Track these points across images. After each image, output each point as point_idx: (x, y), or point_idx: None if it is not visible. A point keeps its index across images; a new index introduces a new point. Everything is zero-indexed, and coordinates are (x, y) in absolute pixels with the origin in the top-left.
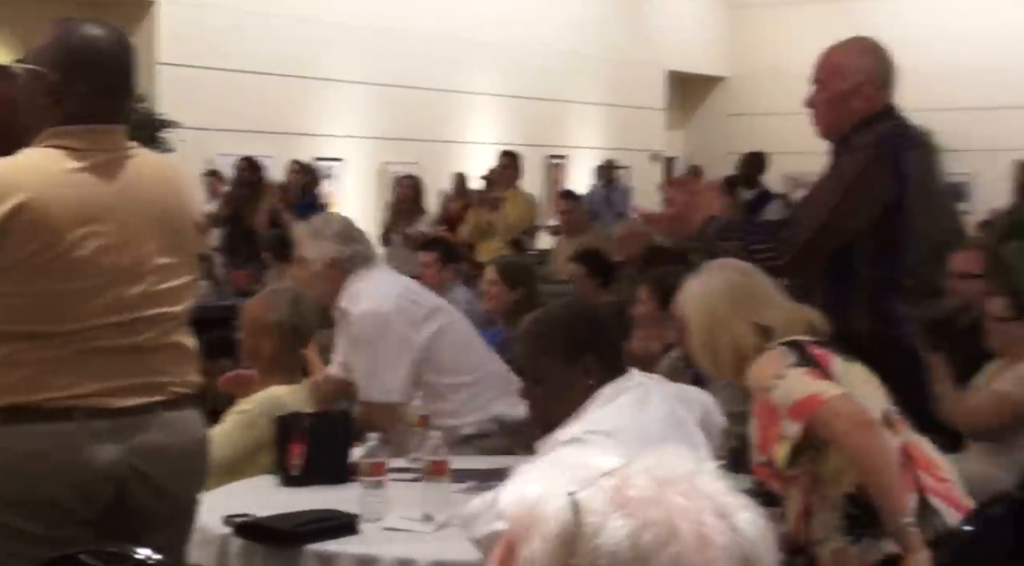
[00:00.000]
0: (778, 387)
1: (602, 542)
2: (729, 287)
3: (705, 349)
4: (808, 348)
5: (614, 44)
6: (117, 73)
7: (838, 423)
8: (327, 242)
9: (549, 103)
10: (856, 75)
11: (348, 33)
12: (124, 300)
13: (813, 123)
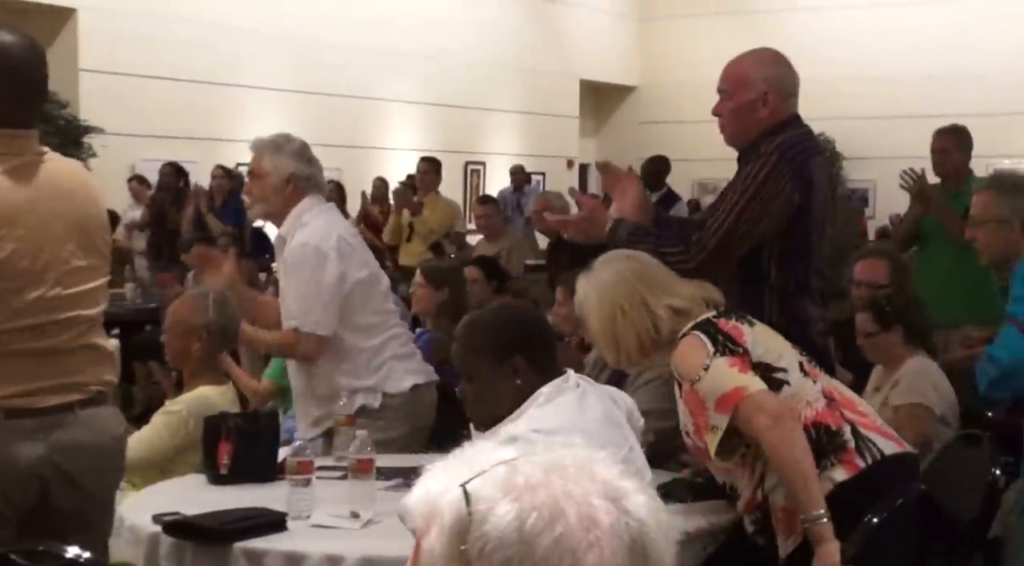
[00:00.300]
0: (703, 379)
1: (489, 528)
2: (630, 276)
3: (608, 341)
4: (720, 325)
5: (530, 55)
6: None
7: (759, 418)
8: (287, 158)
9: (468, 111)
10: (760, 85)
11: (270, 41)
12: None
13: (721, 131)
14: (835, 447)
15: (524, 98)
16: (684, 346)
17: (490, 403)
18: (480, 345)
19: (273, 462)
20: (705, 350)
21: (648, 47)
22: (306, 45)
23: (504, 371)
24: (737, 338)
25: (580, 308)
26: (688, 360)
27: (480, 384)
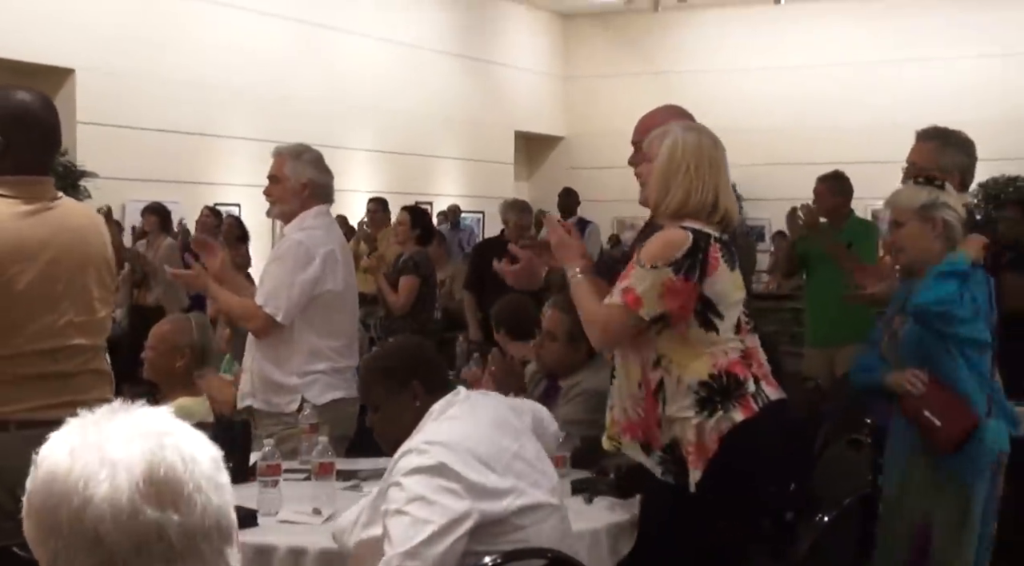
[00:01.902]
0: (643, 268)
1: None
2: (711, 152)
3: (660, 185)
4: (710, 249)
5: (471, 109)
6: (47, 131)
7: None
8: (306, 165)
9: (416, 158)
10: None
11: (245, 97)
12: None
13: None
14: (738, 394)
15: (465, 146)
16: (671, 235)
17: (396, 427)
18: (380, 377)
19: (245, 465)
20: (672, 255)
21: (573, 102)
22: (275, 100)
23: (404, 396)
24: (706, 269)
25: (652, 145)
26: (657, 247)
27: (385, 412)
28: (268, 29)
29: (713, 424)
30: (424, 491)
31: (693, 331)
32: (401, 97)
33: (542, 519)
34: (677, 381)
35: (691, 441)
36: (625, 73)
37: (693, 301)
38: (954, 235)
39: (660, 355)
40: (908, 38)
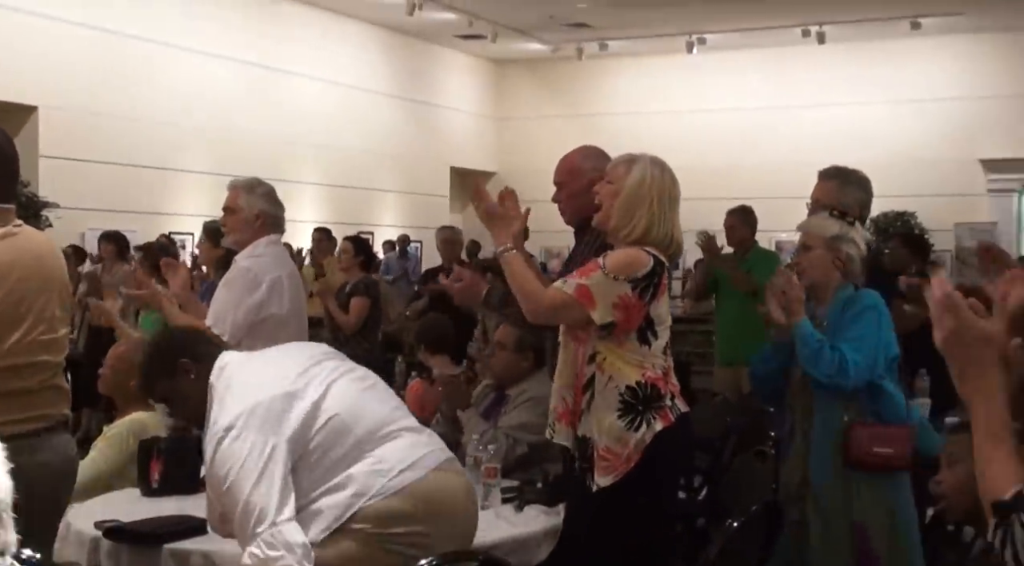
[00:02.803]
0: (605, 275)
1: None
2: (672, 191)
3: (625, 212)
4: (663, 275)
5: (409, 146)
6: (8, 162)
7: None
8: (259, 198)
9: (358, 191)
10: (589, 174)
11: (198, 134)
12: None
13: (561, 214)
14: (658, 405)
15: (404, 181)
16: (636, 255)
17: (191, 406)
18: (152, 376)
19: (196, 477)
20: (635, 273)
21: (504, 141)
22: (227, 137)
23: (180, 379)
24: (656, 293)
25: (617, 169)
26: (623, 262)
27: (176, 400)
28: (221, 71)
29: (639, 438)
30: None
31: (631, 343)
32: (345, 135)
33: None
34: (608, 379)
35: (608, 447)
36: (551, 115)
37: (640, 318)
38: (854, 269)
39: (597, 352)
40: (808, 86)
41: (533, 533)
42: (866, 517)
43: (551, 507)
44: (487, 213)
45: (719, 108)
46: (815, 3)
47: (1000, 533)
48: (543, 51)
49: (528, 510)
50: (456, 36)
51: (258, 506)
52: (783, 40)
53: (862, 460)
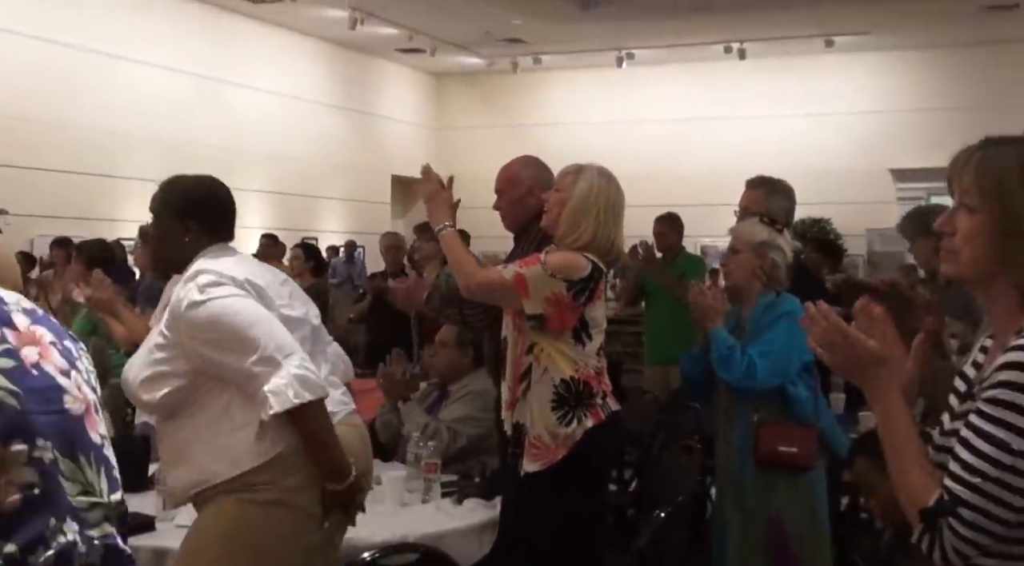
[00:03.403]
0: (544, 271)
1: None
2: (619, 202)
3: (572, 219)
4: (599, 282)
5: (352, 155)
6: None
7: (493, 279)
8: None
9: (304, 198)
10: (527, 182)
11: (145, 142)
12: None
13: (501, 220)
14: (589, 402)
15: (347, 188)
16: (576, 259)
17: (166, 248)
18: (165, 204)
19: (144, 475)
20: (572, 275)
21: (443, 150)
22: (174, 145)
23: (178, 226)
24: (592, 297)
25: (565, 179)
26: (562, 263)
27: (159, 233)
28: (169, 82)
29: (568, 432)
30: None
31: (567, 340)
32: (290, 144)
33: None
34: (544, 371)
35: (539, 436)
36: (488, 125)
37: (574, 319)
38: (778, 275)
39: (535, 343)
40: (729, 100)
41: (472, 525)
42: (782, 510)
43: (489, 500)
44: (430, 194)
45: (646, 119)
46: (736, 22)
47: (928, 537)
48: (480, 65)
49: (467, 503)
50: (397, 50)
51: (276, 340)
52: (706, 56)
53: (769, 457)
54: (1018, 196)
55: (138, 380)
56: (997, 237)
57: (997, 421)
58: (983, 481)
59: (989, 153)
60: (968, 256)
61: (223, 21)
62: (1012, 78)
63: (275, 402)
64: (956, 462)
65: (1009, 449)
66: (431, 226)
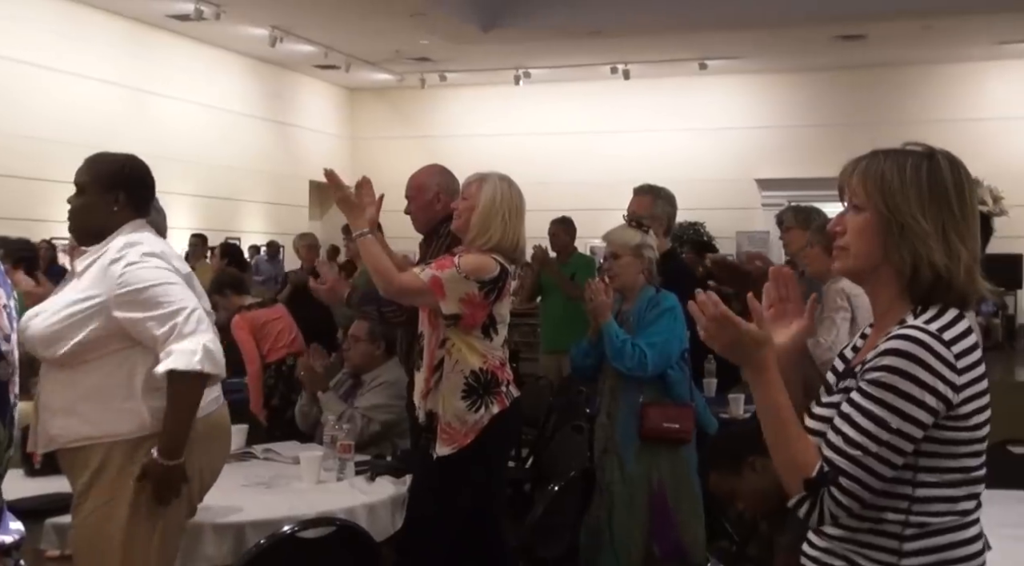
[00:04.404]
0: (458, 271)
1: None
2: (520, 208)
3: (482, 224)
4: (506, 281)
5: (273, 162)
6: None
7: (415, 283)
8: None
9: (228, 201)
10: (434, 188)
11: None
12: None
13: (412, 223)
14: (496, 391)
15: (268, 193)
16: (486, 261)
17: (89, 216)
18: (97, 172)
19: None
20: (483, 276)
21: (357, 158)
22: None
23: (106, 198)
24: (500, 295)
25: (470, 187)
26: (474, 265)
27: (85, 200)
28: (99, 93)
29: (476, 418)
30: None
31: (476, 334)
32: (214, 151)
33: None
34: (455, 363)
35: (449, 423)
36: (398, 136)
37: (484, 315)
38: (653, 270)
39: (447, 338)
40: (616, 115)
41: (383, 500)
42: (663, 478)
43: (399, 478)
44: (343, 200)
45: (542, 132)
46: (622, 46)
47: (808, 503)
48: (391, 80)
49: (379, 480)
50: (314, 66)
51: (197, 315)
52: (595, 75)
53: (654, 433)
54: (897, 194)
55: (48, 330)
56: (880, 231)
57: (878, 401)
58: (863, 455)
59: (873, 160)
60: (856, 250)
61: (151, 37)
62: (861, 99)
63: (179, 361)
64: (838, 435)
65: (887, 427)
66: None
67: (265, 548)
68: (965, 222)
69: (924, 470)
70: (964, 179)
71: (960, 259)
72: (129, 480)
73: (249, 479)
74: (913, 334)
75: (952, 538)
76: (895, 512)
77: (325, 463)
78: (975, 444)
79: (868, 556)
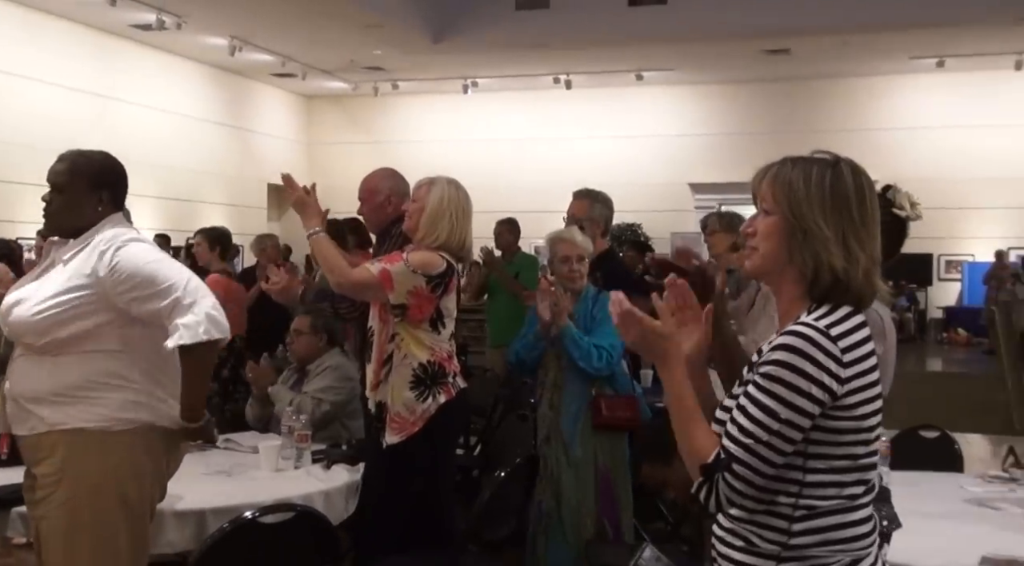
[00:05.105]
0: (407, 265)
1: None
2: (467, 208)
3: (431, 222)
4: (452, 277)
5: (233, 165)
6: None
7: (366, 277)
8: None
9: (189, 203)
10: (385, 191)
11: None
12: None
13: (366, 223)
14: (443, 382)
15: (228, 195)
16: (433, 257)
17: (72, 214)
18: (81, 171)
19: None
20: (430, 271)
21: (313, 162)
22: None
23: (91, 197)
24: (446, 290)
25: (420, 190)
26: (422, 260)
27: (68, 197)
28: (65, 98)
29: (424, 408)
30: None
31: (424, 328)
32: (177, 155)
33: None
34: (404, 356)
35: (398, 412)
36: (353, 141)
37: (431, 309)
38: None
39: (396, 333)
40: (558, 123)
41: (338, 487)
42: (607, 462)
43: (352, 466)
44: (299, 202)
45: (488, 138)
46: (563, 57)
47: (705, 488)
48: (345, 88)
49: (334, 468)
50: (272, 74)
51: (193, 283)
52: (539, 85)
53: (607, 422)
54: (803, 202)
55: (36, 318)
56: (786, 235)
57: (769, 393)
58: (755, 443)
59: (783, 167)
60: (763, 251)
61: (114, 46)
62: (785, 109)
63: (186, 335)
64: (734, 425)
65: (777, 417)
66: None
67: (227, 533)
68: (865, 228)
69: (813, 457)
70: (865, 186)
71: (859, 263)
72: (98, 472)
73: (210, 468)
74: (801, 330)
75: (839, 519)
76: (787, 495)
77: (283, 452)
78: (862, 433)
79: (762, 535)
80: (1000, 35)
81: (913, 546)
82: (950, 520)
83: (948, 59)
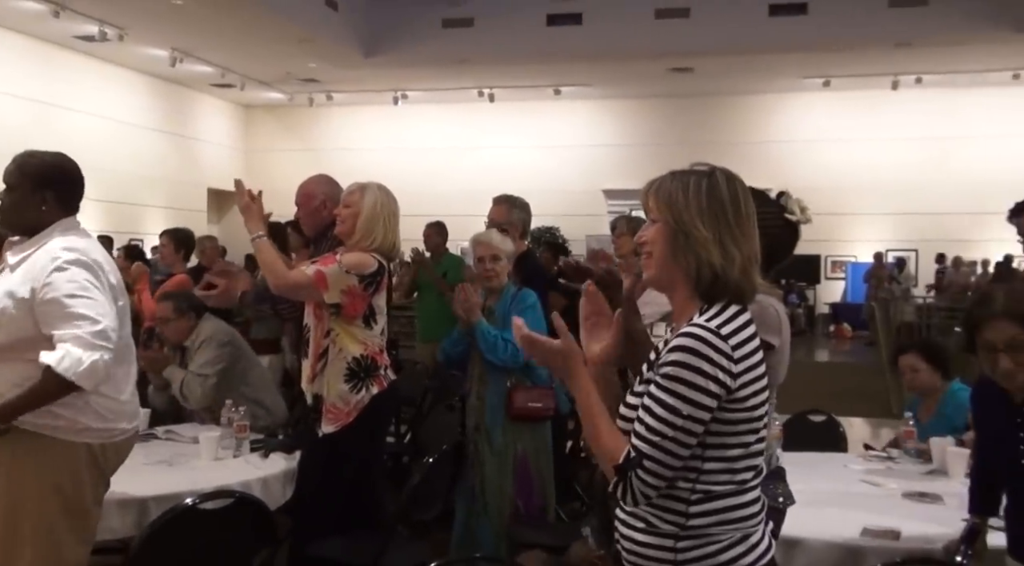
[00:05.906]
0: (340, 266)
1: None
2: (396, 212)
3: (367, 226)
4: (383, 276)
5: (174, 170)
6: None
7: (301, 279)
8: None
9: (132, 206)
10: (320, 197)
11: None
12: None
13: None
14: (375, 374)
15: (169, 198)
16: (366, 258)
17: (18, 214)
18: (28, 170)
19: None
20: (363, 271)
21: (251, 168)
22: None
23: (34, 197)
24: (378, 288)
25: (352, 195)
26: (355, 261)
27: (15, 198)
28: (9, 106)
29: (358, 399)
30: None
31: (358, 324)
32: (120, 161)
33: None
34: (339, 351)
35: (334, 403)
36: (289, 149)
37: (364, 306)
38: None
39: (331, 329)
40: (482, 133)
41: (275, 474)
42: (526, 449)
43: (289, 454)
44: (247, 207)
45: (417, 147)
46: (487, 72)
47: (621, 485)
48: (282, 99)
49: (272, 456)
50: (211, 85)
51: (107, 323)
52: (464, 98)
53: (520, 412)
54: (683, 209)
55: None
56: (671, 240)
57: (670, 392)
58: (661, 439)
59: (665, 180)
60: (654, 258)
61: (58, 56)
62: (689, 122)
63: (63, 363)
64: (640, 424)
65: (680, 414)
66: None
67: (168, 519)
68: (740, 228)
69: (711, 447)
70: (739, 192)
71: (735, 260)
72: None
73: (151, 457)
74: (695, 331)
75: (731, 502)
76: (685, 481)
77: (223, 442)
78: (753, 423)
79: (662, 517)
80: (880, 58)
81: (804, 520)
82: (836, 496)
83: (833, 79)
